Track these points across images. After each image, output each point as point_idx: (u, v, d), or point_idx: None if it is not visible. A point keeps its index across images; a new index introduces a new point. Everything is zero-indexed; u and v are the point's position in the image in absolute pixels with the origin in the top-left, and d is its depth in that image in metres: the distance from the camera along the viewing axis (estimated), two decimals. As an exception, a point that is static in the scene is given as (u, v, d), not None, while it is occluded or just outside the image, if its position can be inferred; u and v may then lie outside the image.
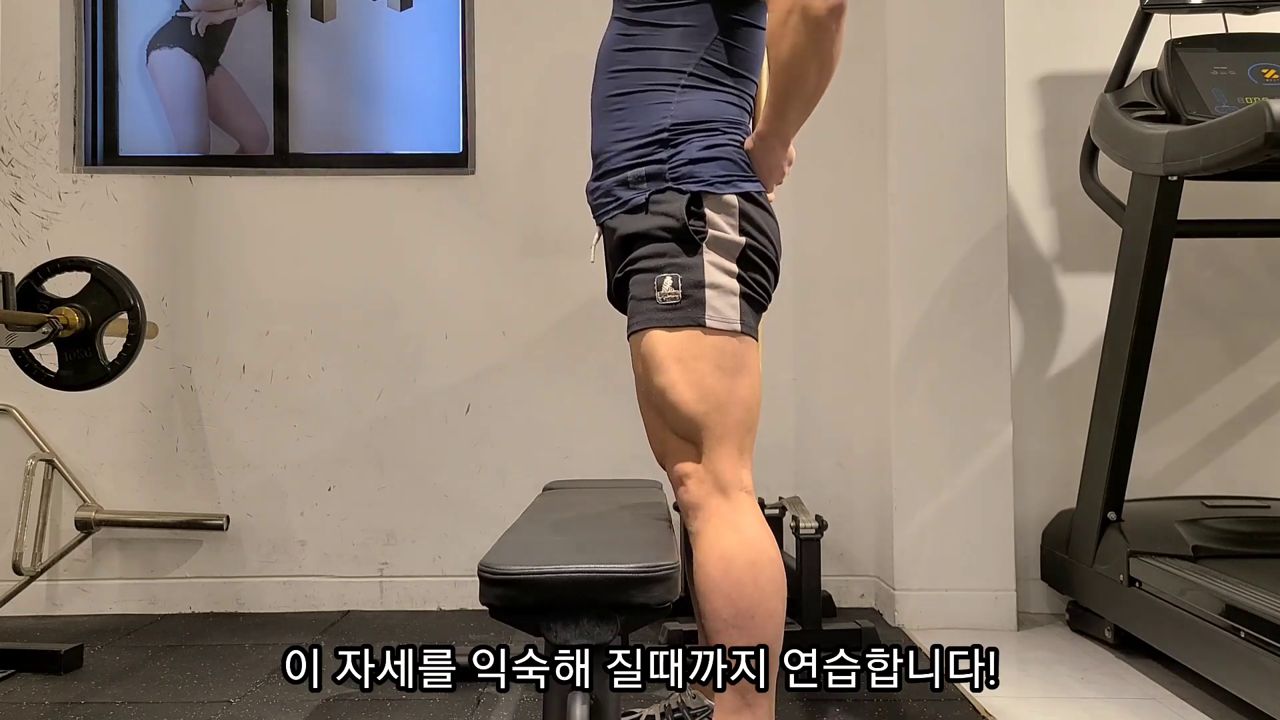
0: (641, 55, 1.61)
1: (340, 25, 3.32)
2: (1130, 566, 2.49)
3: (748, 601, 1.49)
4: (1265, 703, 1.95)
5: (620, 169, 1.61)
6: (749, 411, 1.58)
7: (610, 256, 1.68)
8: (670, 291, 1.52)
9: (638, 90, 1.60)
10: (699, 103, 1.59)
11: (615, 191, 1.61)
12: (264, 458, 3.13)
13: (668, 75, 1.59)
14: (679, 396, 1.53)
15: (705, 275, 1.52)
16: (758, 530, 1.54)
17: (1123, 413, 2.59)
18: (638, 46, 1.61)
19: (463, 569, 3.10)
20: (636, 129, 1.59)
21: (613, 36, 1.67)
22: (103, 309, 2.56)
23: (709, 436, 1.54)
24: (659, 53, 1.59)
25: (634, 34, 1.62)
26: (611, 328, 3.12)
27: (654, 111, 1.59)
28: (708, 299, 1.52)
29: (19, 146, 3.14)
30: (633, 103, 1.61)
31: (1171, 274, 2.66)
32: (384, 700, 2.24)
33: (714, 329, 1.52)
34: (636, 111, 1.60)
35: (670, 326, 1.53)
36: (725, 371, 1.53)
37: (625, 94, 1.62)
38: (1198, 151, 2.21)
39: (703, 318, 1.52)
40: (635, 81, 1.61)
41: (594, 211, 1.70)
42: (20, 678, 2.42)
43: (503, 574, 1.30)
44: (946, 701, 2.21)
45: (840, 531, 3.05)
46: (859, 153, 3.09)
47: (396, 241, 3.17)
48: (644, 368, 1.58)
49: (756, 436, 1.62)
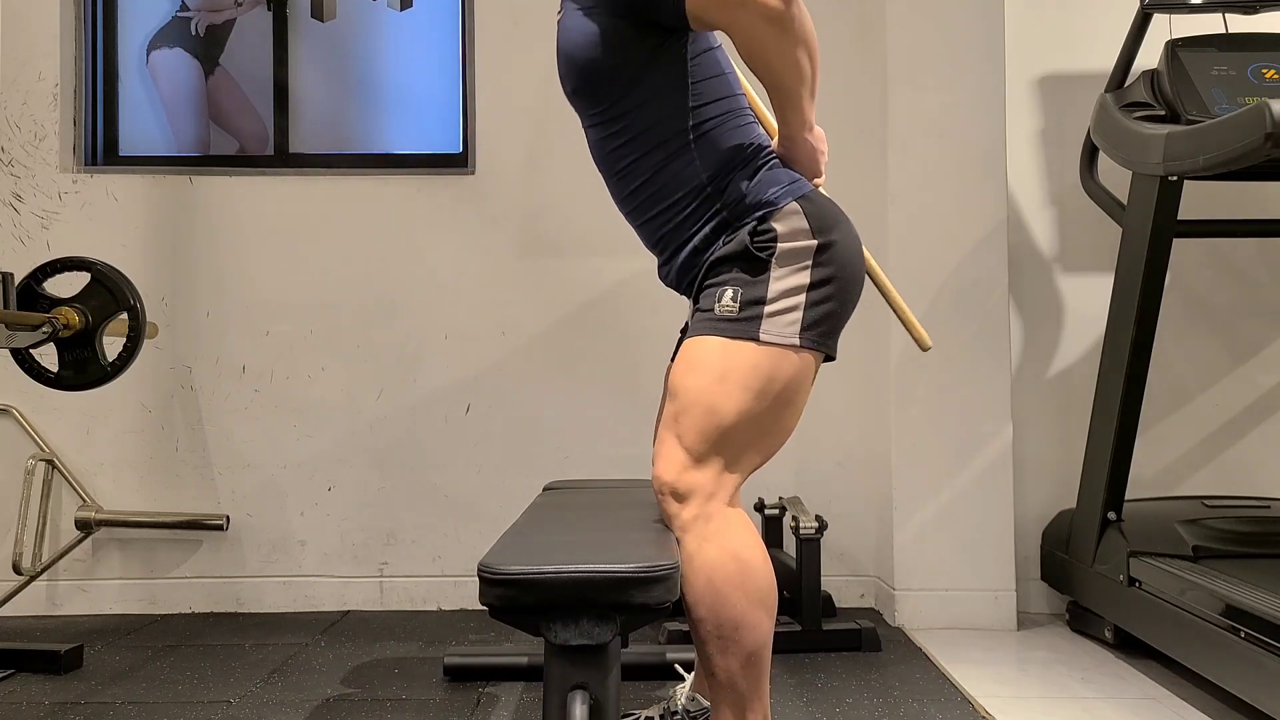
0: (637, 141, 1.61)
1: (340, 25, 3.32)
2: (1130, 566, 2.49)
3: (731, 614, 1.48)
4: (1265, 703, 1.95)
5: (685, 242, 1.62)
6: (763, 438, 1.56)
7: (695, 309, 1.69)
8: (729, 304, 1.53)
9: (656, 171, 1.61)
10: (717, 144, 1.60)
11: (690, 263, 1.62)
12: (264, 458, 3.14)
13: (674, 141, 1.59)
14: (706, 402, 1.52)
15: (768, 292, 1.52)
16: (742, 539, 1.52)
17: (1123, 413, 2.60)
18: (629, 136, 1.61)
19: (463, 569, 3.10)
20: (678, 201, 1.61)
21: (599, 140, 1.67)
22: (103, 309, 2.56)
23: (717, 449, 1.52)
24: (651, 129, 1.60)
25: (619, 127, 1.62)
26: (611, 327, 3.14)
27: (683, 178, 1.60)
28: (765, 315, 1.52)
29: (19, 146, 3.14)
30: (658, 184, 1.61)
31: (1171, 274, 2.66)
32: (384, 700, 2.25)
33: (767, 343, 1.51)
34: (667, 188, 1.61)
35: (723, 335, 1.53)
36: (753, 393, 1.52)
37: (645, 181, 1.62)
38: (1198, 151, 2.21)
39: (757, 332, 1.51)
40: (648, 165, 1.61)
41: (679, 289, 1.71)
42: (20, 678, 2.42)
43: (503, 574, 1.30)
44: (946, 701, 2.21)
45: (840, 531, 3.05)
46: (859, 153, 3.09)
47: (396, 241, 3.17)
48: (682, 367, 1.57)
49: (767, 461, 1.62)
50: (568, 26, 1.61)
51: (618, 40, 1.55)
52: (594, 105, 1.63)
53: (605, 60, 1.57)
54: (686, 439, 1.53)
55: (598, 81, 1.60)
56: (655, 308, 3.03)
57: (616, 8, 1.54)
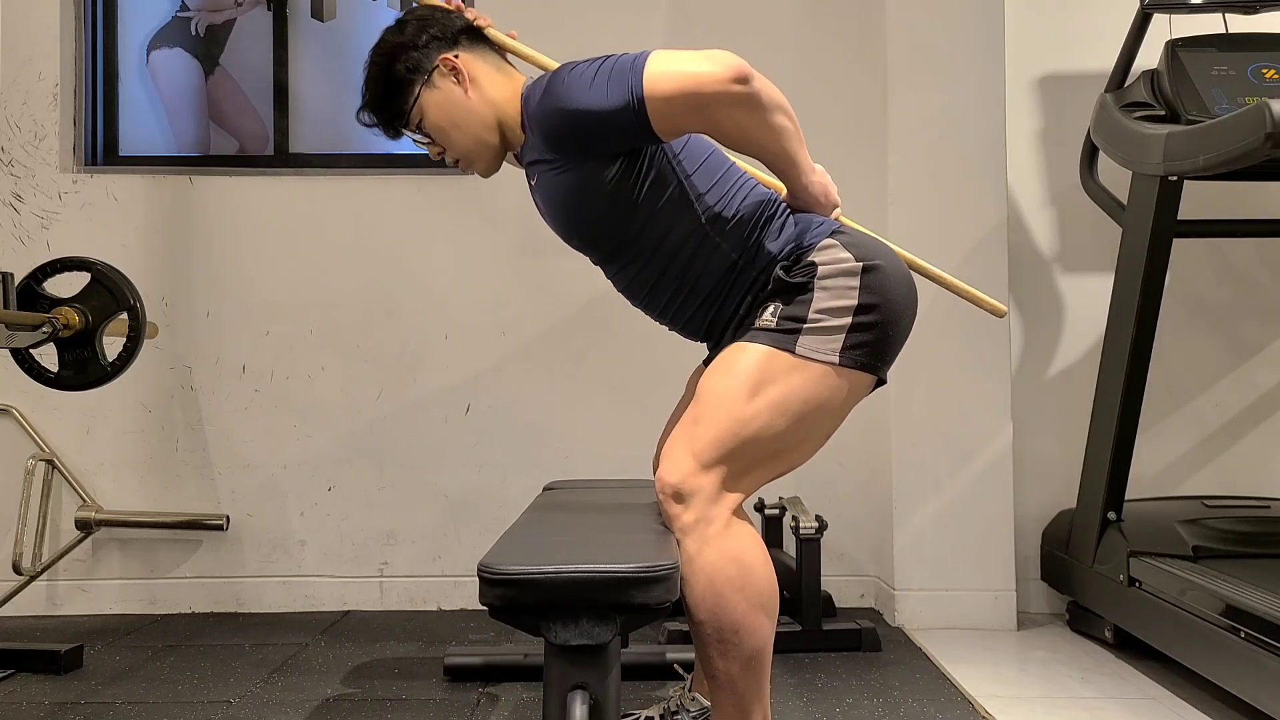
0: (656, 258, 1.62)
1: (340, 25, 3.32)
2: (1130, 566, 2.49)
3: (731, 617, 1.48)
4: (1265, 703, 1.95)
5: (733, 317, 1.63)
6: (783, 456, 1.58)
7: None
8: (768, 319, 1.54)
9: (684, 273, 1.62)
10: (732, 221, 1.61)
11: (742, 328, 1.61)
12: (264, 458, 3.13)
13: (691, 240, 1.60)
14: (730, 409, 1.51)
15: (809, 311, 1.52)
16: (743, 542, 1.52)
17: (1123, 413, 2.60)
18: (646, 258, 1.62)
19: (463, 569, 3.10)
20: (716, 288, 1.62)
21: (617, 273, 1.68)
22: (103, 309, 2.56)
23: (729, 459, 1.51)
24: (665, 240, 1.60)
25: (632, 255, 1.63)
26: (611, 327, 3.14)
27: (714, 266, 1.61)
28: (803, 330, 1.52)
29: (19, 146, 3.14)
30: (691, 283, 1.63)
31: (1171, 274, 2.66)
32: (384, 700, 2.25)
33: (803, 357, 1.51)
34: (702, 283, 1.62)
35: (760, 342, 1.53)
36: (785, 412, 1.52)
37: (678, 289, 1.64)
38: (1198, 151, 2.21)
39: (794, 346, 1.52)
40: (675, 273, 1.62)
41: None
42: (20, 678, 2.42)
43: (503, 574, 1.30)
44: (946, 701, 2.21)
45: (840, 531, 3.05)
46: (859, 153, 3.09)
47: (396, 241, 3.17)
48: (717, 368, 1.57)
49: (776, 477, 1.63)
50: (545, 192, 1.61)
51: (598, 183, 1.55)
52: (603, 249, 1.65)
53: (596, 207, 1.58)
54: (699, 444, 1.51)
55: (596, 228, 1.62)
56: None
57: (587, 154, 1.54)
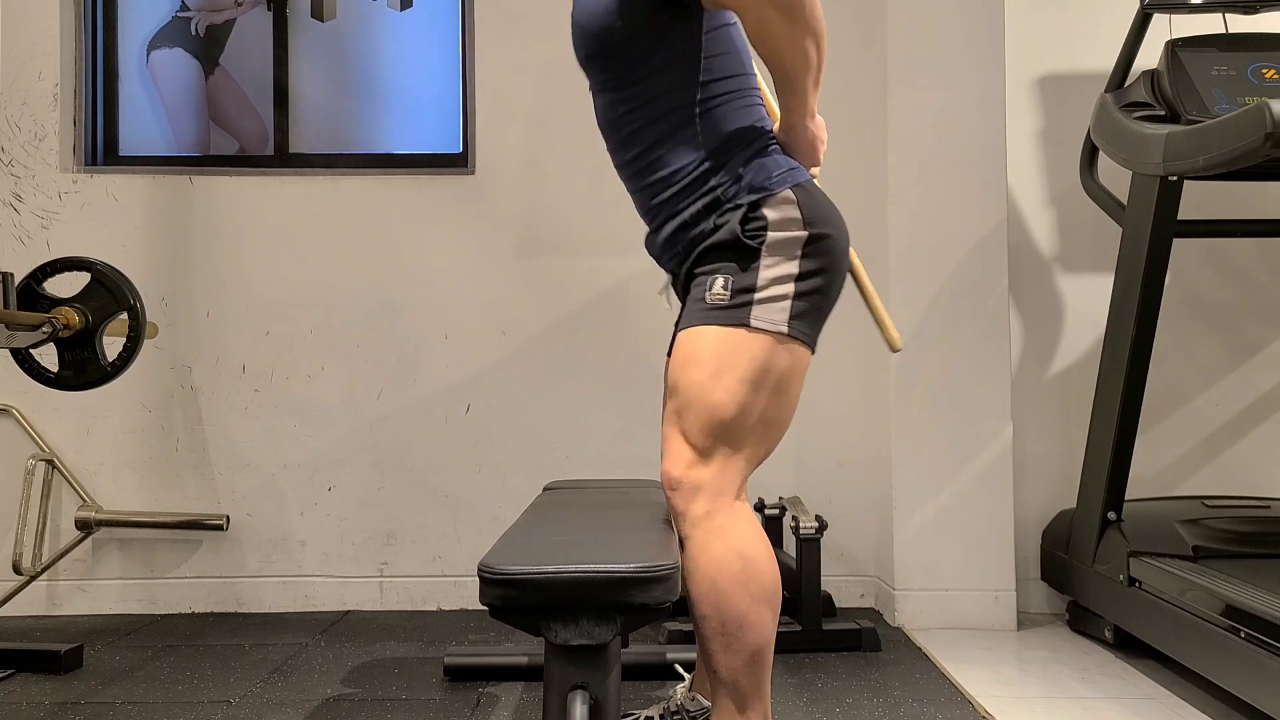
0: (644, 109, 1.61)
1: (340, 25, 3.32)
2: (1130, 566, 2.49)
3: (735, 611, 1.48)
4: (1265, 703, 1.95)
5: (674, 215, 1.62)
6: (766, 429, 1.56)
7: (681, 289, 1.68)
8: (720, 292, 1.53)
9: (658, 140, 1.61)
10: (720, 122, 1.60)
11: (677, 237, 1.62)
12: (264, 458, 3.13)
13: (680, 112, 1.60)
14: (706, 396, 1.52)
15: (758, 280, 1.52)
16: (748, 536, 1.53)
17: (1123, 413, 2.59)
18: (637, 104, 1.62)
19: (463, 569, 3.10)
20: (675, 173, 1.61)
21: (606, 104, 1.67)
22: (103, 309, 2.56)
23: (721, 442, 1.52)
24: (659, 99, 1.60)
25: (627, 94, 1.62)
26: (611, 327, 3.14)
27: (683, 151, 1.60)
28: (755, 302, 1.52)
29: (19, 146, 3.14)
30: (658, 153, 1.62)
31: (1171, 274, 2.66)
32: (384, 700, 2.25)
33: (758, 329, 1.52)
34: (666, 160, 1.61)
35: (716, 324, 1.53)
36: (751, 384, 1.52)
37: (646, 149, 1.63)
38: (1198, 151, 2.21)
39: (748, 319, 1.52)
40: (652, 134, 1.62)
41: (660, 261, 1.71)
42: (20, 678, 2.42)
43: (503, 574, 1.30)
44: (946, 701, 2.21)
45: (840, 531, 3.05)
46: (859, 153, 3.09)
47: (396, 241, 3.17)
48: (679, 363, 1.57)
49: (771, 452, 1.62)
50: None
51: (633, 12, 1.56)
52: (605, 72, 1.64)
53: (620, 30, 1.57)
54: (691, 434, 1.53)
55: (610, 50, 1.60)
56: (655, 307, 3.03)
57: None
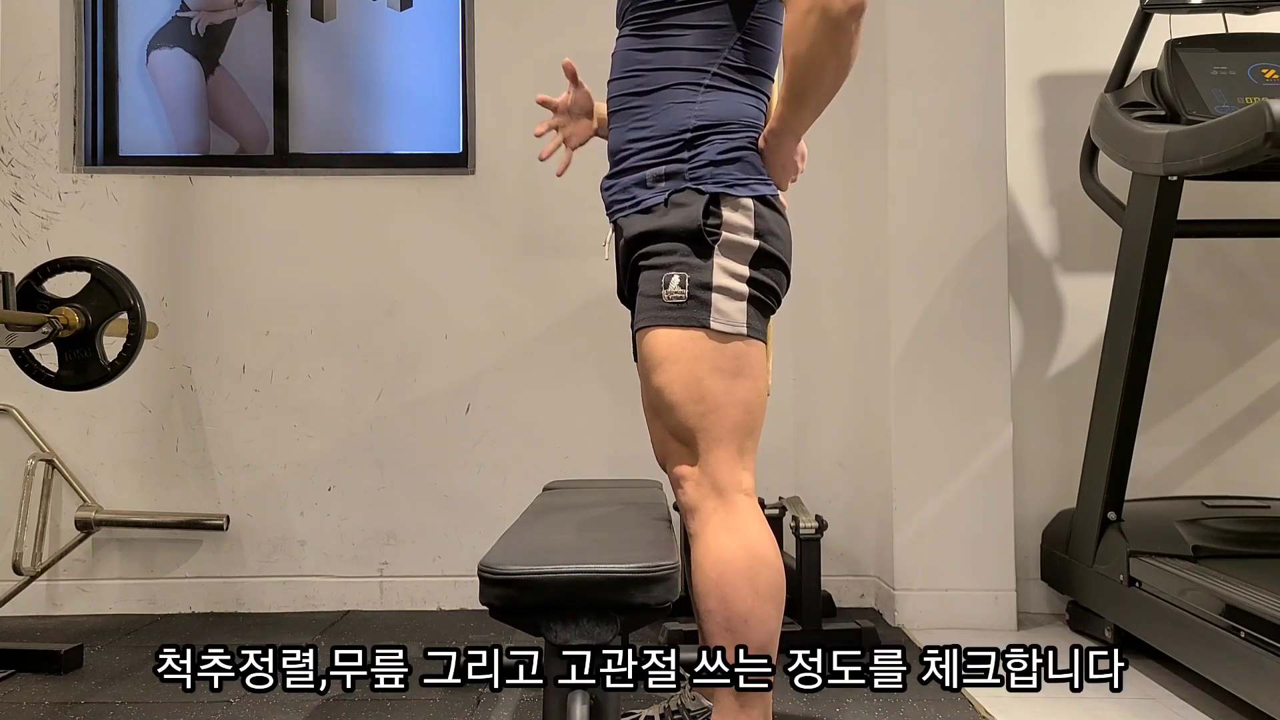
0: (663, 55, 1.59)
1: (340, 25, 3.32)
2: (1130, 566, 2.49)
3: (742, 606, 1.48)
4: (1265, 703, 1.95)
5: (639, 168, 1.60)
6: (749, 414, 1.56)
7: (622, 254, 1.66)
8: (677, 290, 1.52)
9: (659, 89, 1.59)
10: (722, 103, 1.58)
11: (632, 190, 1.60)
12: (264, 458, 3.13)
13: (691, 75, 1.58)
14: (675, 397, 1.53)
15: (714, 278, 1.51)
16: (756, 533, 1.53)
17: (1123, 413, 2.59)
18: (659, 47, 1.60)
19: (463, 569, 3.10)
20: (658, 128, 1.59)
21: (629, 39, 1.65)
22: (103, 309, 2.56)
23: (704, 438, 1.53)
24: (681, 53, 1.58)
25: (654, 35, 1.60)
26: (611, 327, 3.13)
27: (677, 112, 1.58)
28: (714, 301, 1.51)
29: (19, 146, 3.14)
30: (654, 101, 1.60)
31: (1171, 274, 2.66)
32: (384, 700, 2.24)
33: (718, 330, 1.51)
34: (658, 111, 1.59)
35: (673, 325, 1.52)
36: (724, 373, 1.52)
37: (646, 93, 1.61)
38: (1198, 151, 2.21)
39: (707, 319, 1.51)
40: (657, 81, 1.60)
41: (608, 208, 1.68)
42: (20, 678, 2.42)
43: (503, 574, 1.30)
44: (947, 701, 2.21)
45: (840, 531, 3.05)
46: (859, 152, 3.09)
47: (396, 241, 3.17)
48: (645, 366, 1.58)
49: (759, 438, 1.62)
50: None
51: None
52: (642, 14, 1.62)
53: None
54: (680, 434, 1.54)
55: None
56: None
57: None
